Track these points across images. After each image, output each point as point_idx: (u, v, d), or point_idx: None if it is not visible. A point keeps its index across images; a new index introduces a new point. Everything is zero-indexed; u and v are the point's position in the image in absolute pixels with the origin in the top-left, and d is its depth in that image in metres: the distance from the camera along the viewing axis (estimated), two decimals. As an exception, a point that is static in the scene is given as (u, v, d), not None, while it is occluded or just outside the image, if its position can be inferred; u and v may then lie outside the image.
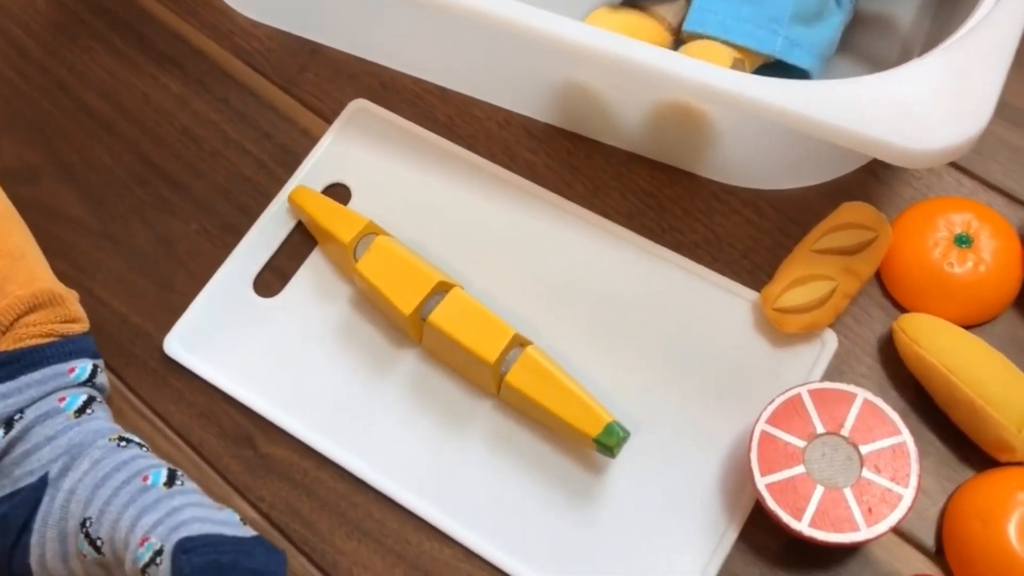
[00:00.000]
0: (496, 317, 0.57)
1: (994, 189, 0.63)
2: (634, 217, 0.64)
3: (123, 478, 0.54)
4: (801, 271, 0.59)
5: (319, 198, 0.64)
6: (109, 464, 0.54)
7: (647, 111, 0.63)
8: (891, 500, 0.51)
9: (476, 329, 0.57)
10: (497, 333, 0.57)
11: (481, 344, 0.56)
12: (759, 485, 0.52)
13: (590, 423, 0.55)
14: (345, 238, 0.61)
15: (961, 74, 0.52)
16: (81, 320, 0.59)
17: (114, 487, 0.53)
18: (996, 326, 0.59)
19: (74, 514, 0.53)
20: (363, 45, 0.71)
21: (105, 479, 0.54)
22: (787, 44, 0.60)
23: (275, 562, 0.52)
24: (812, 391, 0.54)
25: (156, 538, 0.51)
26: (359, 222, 0.61)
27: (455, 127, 0.68)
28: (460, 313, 0.57)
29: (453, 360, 0.59)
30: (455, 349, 0.57)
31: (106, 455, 0.55)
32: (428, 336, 0.59)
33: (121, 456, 0.55)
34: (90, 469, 0.54)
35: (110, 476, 0.54)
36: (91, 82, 0.72)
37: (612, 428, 0.54)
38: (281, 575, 0.52)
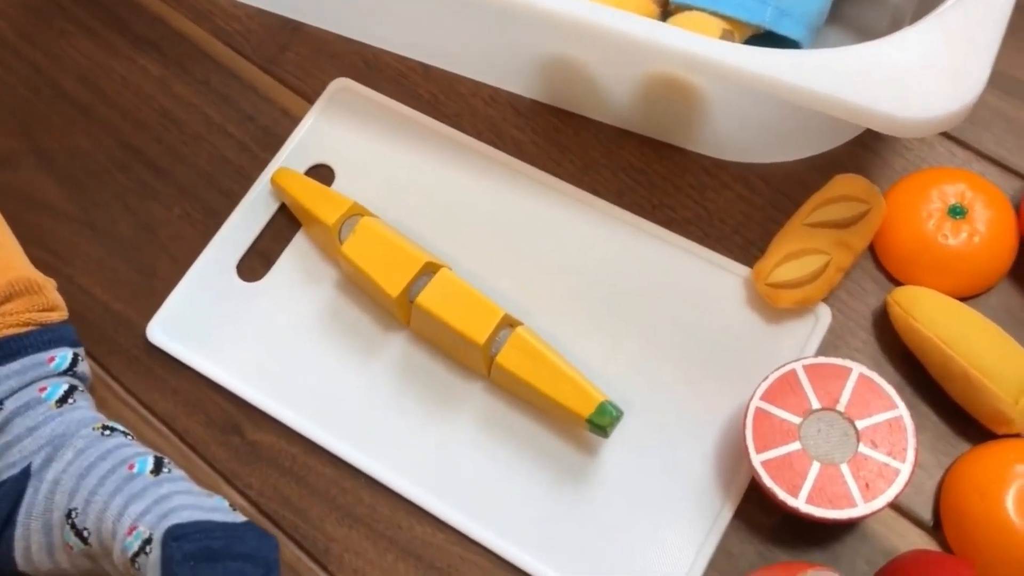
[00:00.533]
0: (485, 298, 0.56)
1: (987, 159, 0.63)
2: (624, 194, 0.63)
3: (108, 467, 0.53)
4: (794, 245, 0.58)
5: (302, 179, 0.62)
6: (94, 453, 0.53)
7: (636, 85, 0.62)
8: (888, 475, 0.51)
9: (465, 310, 0.56)
10: (486, 314, 0.56)
11: (470, 325, 0.55)
12: (755, 462, 0.52)
13: (583, 403, 0.54)
14: (329, 220, 0.59)
15: (954, 42, 0.51)
16: (59, 308, 0.58)
17: (100, 476, 0.52)
18: (991, 297, 0.59)
19: (59, 505, 0.52)
20: (345, 23, 0.69)
21: (90, 468, 0.53)
22: (776, 14, 0.59)
23: (267, 547, 0.51)
24: (807, 366, 0.53)
25: (145, 526, 0.50)
26: (343, 203, 0.60)
27: (440, 105, 0.67)
28: (448, 294, 0.56)
29: (442, 342, 0.58)
30: (444, 331, 0.56)
31: (90, 444, 0.54)
32: (416, 318, 0.58)
33: (106, 445, 0.54)
34: (74, 459, 0.53)
35: (95, 465, 0.53)
36: (68, 66, 0.71)
37: (605, 408, 0.54)
38: (273, 560, 0.51)
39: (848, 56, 0.51)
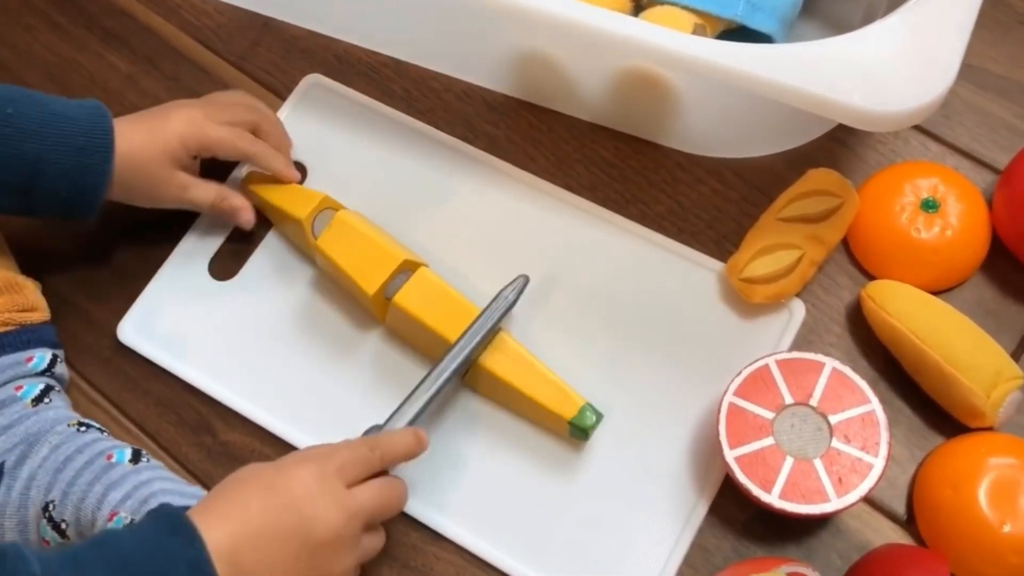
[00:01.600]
0: (465, 299, 0.56)
1: (960, 153, 0.63)
2: (598, 189, 0.63)
3: (86, 459, 0.52)
4: (767, 240, 0.58)
5: (271, 179, 0.62)
6: (70, 447, 0.53)
7: (608, 80, 0.62)
8: (861, 469, 0.51)
9: (443, 311, 0.55)
10: (466, 316, 0.55)
11: (449, 327, 0.55)
12: (728, 458, 0.52)
13: (564, 406, 0.54)
14: (301, 214, 0.59)
15: (924, 36, 0.51)
16: (40, 309, 0.57)
17: (77, 468, 0.52)
18: (964, 291, 0.59)
19: (35, 501, 0.52)
20: (316, 18, 0.69)
21: (67, 462, 0.52)
22: (749, 8, 0.59)
23: None
24: (780, 361, 0.53)
25: (126, 512, 0.50)
26: (314, 197, 0.60)
27: (413, 100, 0.66)
28: (427, 294, 0.56)
29: (418, 341, 0.58)
30: (421, 330, 0.56)
31: (66, 440, 0.53)
32: (392, 316, 0.57)
33: (83, 439, 0.54)
34: (49, 454, 0.53)
35: (72, 459, 0.52)
36: (34, 62, 0.70)
37: (585, 411, 0.53)
38: None
39: (818, 50, 0.51)
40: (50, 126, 0.53)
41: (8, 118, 0.52)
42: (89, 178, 0.55)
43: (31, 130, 0.53)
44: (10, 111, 0.53)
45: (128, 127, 0.57)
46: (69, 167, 0.54)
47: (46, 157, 0.53)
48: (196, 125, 0.58)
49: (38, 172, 0.53)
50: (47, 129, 0.53)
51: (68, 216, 0.56)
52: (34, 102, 0.55)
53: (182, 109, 0.59)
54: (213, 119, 0.59)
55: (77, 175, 0.54)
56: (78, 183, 0.55)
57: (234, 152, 0.59)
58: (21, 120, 0.53)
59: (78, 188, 0.55)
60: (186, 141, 0.57)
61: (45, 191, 0.54)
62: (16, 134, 0.52)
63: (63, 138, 0.54)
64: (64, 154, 0.54)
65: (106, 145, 0.55)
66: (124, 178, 0.56)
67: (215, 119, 0.59)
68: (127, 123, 0.57)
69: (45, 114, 0.54)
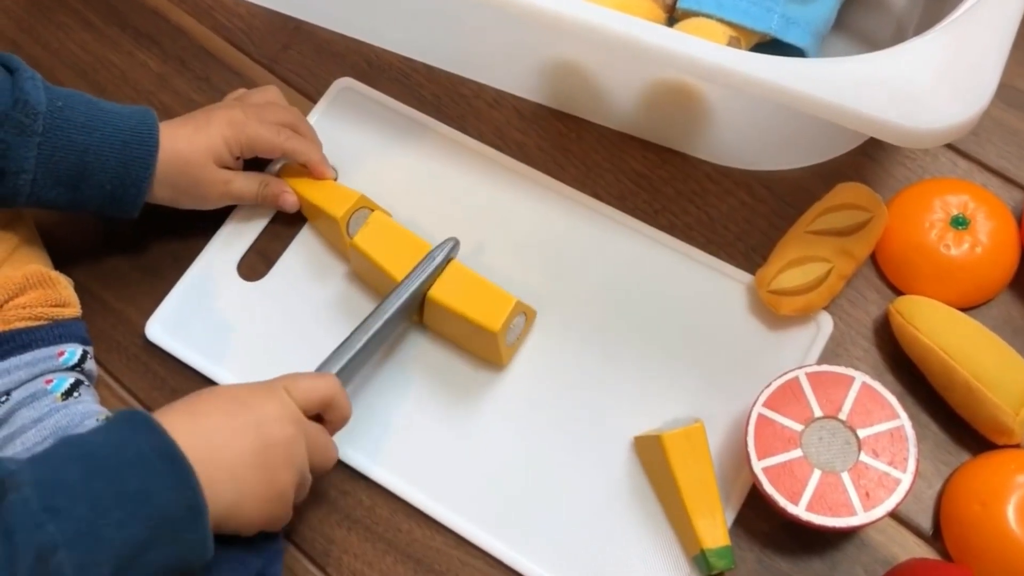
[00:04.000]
0: (496, 286, 0.56)
1: (989, 170, 0.63)
2: (627, 199, 0.63)
3: None
4: (796, 252, 0.58)
5: (306, 174, 0.62)
6: None
7: (641, 90, 0.62)
8: (889, 484, 0.51)
9: (478, 298, 0.55)
10: (499, 301, 0.55)
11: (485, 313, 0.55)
12: (756, 468, 0.52)
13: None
14: (337, 212, 0.59)
15: (962, 54, 0.51)
16: (72, 305, 0.58)
17: None
18: (992, 308, 0.59)
19: None
20: (348, 22, 0.69)
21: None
22: (783, 22, 0.59)
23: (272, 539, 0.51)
24: (810, 374, 0.53)
25: None
26: (350, 196, 0.60)
27: (443, 106, 0.67)
28: (459, 285, 0.56)
29: (454, 333, 0.58)
30: (457, 321, 0.56)
31: None
32: (429, 312, 0.58)
33: None
34: None
35: None
36: (67, 60, 0.70)
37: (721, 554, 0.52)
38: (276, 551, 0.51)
39: (856, 65, 0.52)
40: (97, 119, 0.55)
41: (58, 110, 0.54)
42: (134, 172, 0.56)
43: (79, 123, 0.54)
44: (60, 104, 0.54)
45: (172, 128, 0.58)
46: (115, 160, 0.55)
47: (93, 148, 0.54)
48: (238, 125, 0.59)
49: (85, 164, 0.54)
50: (95, 122, 0.55)
51: (113, 211, 0.57)
52: (83, 100, 0.56)
53: (223, 111, 0.60)
54: (253, 119, 0.59)
55: (122, 168, 0.55)
56: (123, 177, 0.56)
57: (276, 148, 0.60)
58: (70, 113, 0.54)
59: (123, 182, 0.56)
60: (229, 141, 0.58)
61: (91, 183, 0.55)
62: (65, 124, 0.54)
63: (110, 131, 0.55)
64: (110, 147, 0.55)
65: (151, 140, 0.56)
66: (169, 177, 0.57)
67: (255, 118, 0.60)
68: (171, 124, 0.58)
69: (93, 110, 0.56)
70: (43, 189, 0.54)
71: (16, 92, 0.53)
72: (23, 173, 0.53)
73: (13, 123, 0.53)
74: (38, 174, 0.54)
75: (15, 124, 0.53)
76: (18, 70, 0.55)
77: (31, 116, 0.53)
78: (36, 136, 0.53)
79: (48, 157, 0.54)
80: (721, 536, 0.52)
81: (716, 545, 0.52)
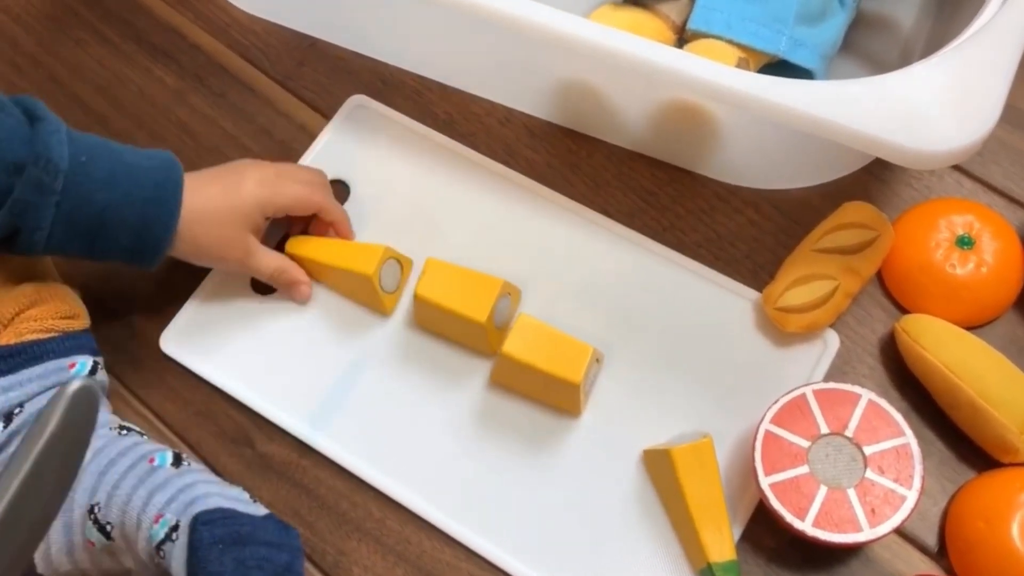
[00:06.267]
0: (568, 336, 0.55)
1: (994, 191, 0.64)
2: (635, 216, 0.64)
3: (129, 463, 0.53)
4: (803, 270, 0.58)
5: (317, 241, 0.61)
6: (113, 451, 0.54)
7: (650, 109, 0.63)
8: (894, 501, 0.51)
9: (554, 352, 0.55)
10: (576, 352, 0.55)
11: (563, 366, 0.54)
12: (763, 484, 0.52)
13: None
14: (368, 270, 0.58)
15: (968, 76, 0.52)
16: (81, 316, 0.59)
17: (121, 471, 0.53)
18: (997, 327, 0.60)
19: (80, 503, 0.53)
20: (362, 40, 0.70)
21: (110, 465, 0.53)
22: (791, 44, 0.60)
23: (291, 536, 0.52)
24: (816, 391, 0.54)
25: (171, 514, 0.51)
26: (376, 251, 0.59)
27: (455, 124, 0.68)
28: (533, 338, 0.55)
29: (529, 387, 0.58)
30: (534, 375, 0.55)
31: (108, 443, 0.54)
32: (501, 368, 0.57)
33: (124, 443, 0.55)
34: (93, 458, 0.54)
35: (115, 462, 0.53)
36: (85, 75, 0.71)
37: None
38: (297, 547, 0.51)
39: (863, 87, 0.52)
40: (120, 175, 0.54)
41: (81, 166, 0.53)
42: (155, 231, 0.55)
43: (101, 178, 0.53)
44: (83, 159, 0.53)
45: (200, 182, 0.57)
46: (135, 218, 0.54)
47: (113, 206, 0.53)
48: (270, 186, 0.58)
49: (104, 221, 0.53)
50: (117, 179, 0.53)
51: (130, 263, 0.56)
52: (108, 151, 0.55)
53: (254, 169, 0.59)
54: (286, 178, 0.59)
55: (141, 226, 0.54)
56: (142, 234, 0.54)
57: (309, 206, 0.60)
58: (93, 168, 0.53)
59: (141, 239, 0.54)
60: (263, 203, 0.58)
61: (108, 239, 0.54)
62: (86, 181, 0.53)
63: (132, 188, 0.54)
64: (131, 205, 0.54)
65: (174, 199, 0.55)
66: (192, 234, 0.56)
67: (288, 178, 0.59)
68: (199, 178, 0.57)
69: (117, 164, 0.54)
70: (58, 243, 0.53)
71: (38, 146, 0.51)
72: (39, 230, 0.52)
73: (32, 181, 0.51)
74: (55, 230, 0.52)
75: (34, 182, 0.51)
76: (42, 120, 0.52)
77: (52, 174, 0.51)
78: (55, 195, 0.52)
79: (66, 214, 0.52)
80: (728, 551, 0.53)
81: (723, 559, 0.52)
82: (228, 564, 0.49)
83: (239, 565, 0.49)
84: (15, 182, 0.50)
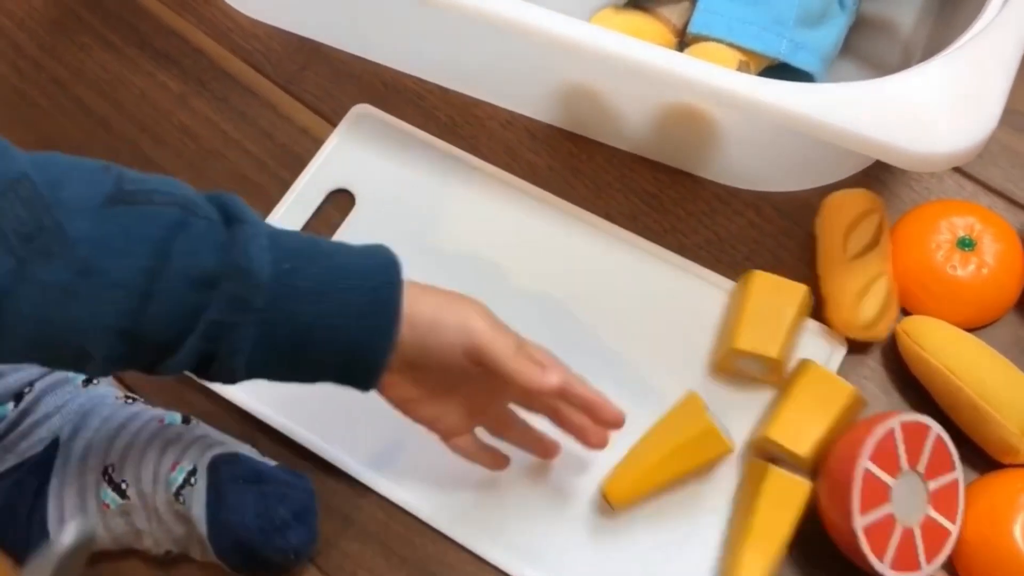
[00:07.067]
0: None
1: (995, 193, 0.64)
2: (637, 218, 0.64)
3: (139, 424, 0.55)
4: (857, 282, 0.57)
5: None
6: (122, 415, 0.55)
7: (651, 113, 0.63)
8: (943, 536, 0.50)
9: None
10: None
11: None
12: (856, 526, 0.49)
13: None
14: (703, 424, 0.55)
15: (968, 79, 0.52)
16: None
17: (132, 432, 0.54)
18: (998, 329, 0.60)
19: (93, 467, 0.54)
20: (364, 45, 0.70)
21: (120, 428, 0.55)
22: (792, 47, 0.60)
23: (305, 480, 0.53)
24: (904, 424, 0.51)
25: (187, 461, 0.52)
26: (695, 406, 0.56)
27: (457, 127, 0.68)
28: None
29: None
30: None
31: (116, 411, 0.56)
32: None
33: (132, 409, 0.56)
34: (102, 425, 0.55)
35: (125, 425, 0.55)
36: (88, 79, 0.72)
37: None
38: (312, 491, 0.53)
39: (864, 90, 0.53)
40: (328, 284, 0.45)
41: (286, 275, 0.44)
42: (367, 349, 0.46)
43: (308, 289, 0.44)
44: (287, 267, 0.44)
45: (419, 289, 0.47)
46: (346, 333, 0.45)
47: (321, 322, 0.45)
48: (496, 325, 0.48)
49: (311, 340, 0.45)
50: (325, 288, 0.45)
51: (341, 384, 0.48)
52: (316, 253, 0.46)
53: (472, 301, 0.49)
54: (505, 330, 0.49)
55: (353, 345, 0.46)
56: (354, 353, 0.46)
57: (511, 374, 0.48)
58: (298, 278, 0.44)
59: (353, 358, 0.46)
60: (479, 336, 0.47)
61: (313, 361, 0.46)
62: (292, 294, 0.44)
63: (343, 297, 0.45)
64: (343, 318, 0.45)
65: (392, 302, 0.45)
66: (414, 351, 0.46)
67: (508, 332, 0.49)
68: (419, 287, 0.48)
69: (325, 269, 0.45)
70: (258, 367, 0.45)
71: (235, 255, 0.43)
72: (238, 354, 0.44)
73: (228, 297, 0.42)
74: (255, 353, 0.44)
75: (230, 299, 0.43)
76: (241, 222, 0.44)
77: (252, 289, 0.43)
78: (256, 313, 0.43)
79: (268, 335, 0.44)
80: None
81: None
82: (250, 498, 0.51)
83: (261, 498, 0.51)
84: (209, 299, 0.42)
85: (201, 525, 0.51)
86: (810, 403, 0.54)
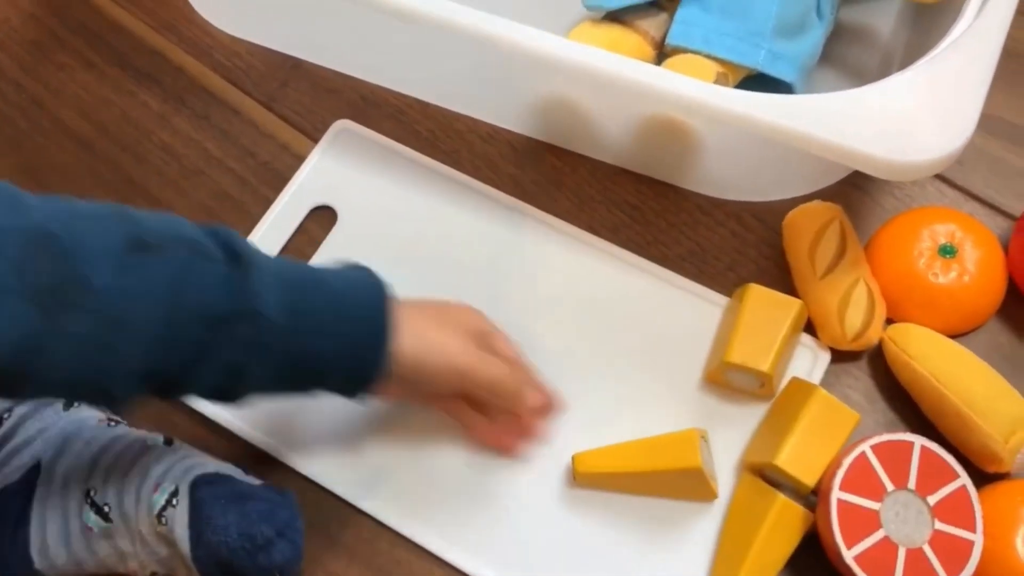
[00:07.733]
0: None
1: (976, 199, 0.64)
2: (619, 231, 0.64)
3: (121, 447, 0.55)
4: (835, 296, 0.57)
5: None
6: (104, 438, 0.55)
7: (631, 125, 0.63)
8: (964, 548, 0.49)
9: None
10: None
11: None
12: (847, 559, 0.49)
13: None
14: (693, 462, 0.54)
15: (945, 86, 0.52)
16: None
17: (115, 454, 0.54)
18: (980, 335, 0.60)
19: (74, 492, 0.53)
20: (344, 60, 0.70)
21: (103, 451, 0.54)
22: (770, 57, 0.61)
23: (288, 498, 0.53)
24: (875, 447, 0.51)
25: (169, 482, 0.52)
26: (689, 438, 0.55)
27: (438, 142, 0.68)
28: None
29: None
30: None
31: (98, 434, 0.55)
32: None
33: (114, 432, 0.56)
34: (84, 449, 0.55)
35: (107, 448, 0.55)
36: (68, 99, 0.71)
37: None
38: (296, 508, 0.53)
39: (841, 100, 0.53)
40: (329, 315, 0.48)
41: (294, 314, 0.46)
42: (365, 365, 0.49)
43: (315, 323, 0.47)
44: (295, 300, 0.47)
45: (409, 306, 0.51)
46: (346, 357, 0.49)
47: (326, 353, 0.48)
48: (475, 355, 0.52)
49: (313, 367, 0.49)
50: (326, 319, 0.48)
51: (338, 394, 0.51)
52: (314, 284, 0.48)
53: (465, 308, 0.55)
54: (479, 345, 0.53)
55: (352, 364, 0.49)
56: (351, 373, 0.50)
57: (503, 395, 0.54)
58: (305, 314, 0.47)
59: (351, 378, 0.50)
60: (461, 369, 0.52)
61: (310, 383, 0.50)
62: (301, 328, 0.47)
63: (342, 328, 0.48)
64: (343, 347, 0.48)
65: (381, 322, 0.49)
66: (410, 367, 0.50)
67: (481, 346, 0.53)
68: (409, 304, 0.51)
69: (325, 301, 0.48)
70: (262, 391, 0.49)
71: (248, 298, 0.45)
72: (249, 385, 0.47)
73: (241, 339, 0.45)
74: (265, 382, 0.48)
75: (248, 343, 0.45)
76: (249, 264, 0.45)
77: (266, 331, 0.45)
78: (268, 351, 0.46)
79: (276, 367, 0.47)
80: None
81: None
82: (232, 516, 0.50)
83: (244, 516, 0.50)
84: (224, 338, 0.44)
85: (184, 545, 0.51)
86: (818, 431, 0.53)
